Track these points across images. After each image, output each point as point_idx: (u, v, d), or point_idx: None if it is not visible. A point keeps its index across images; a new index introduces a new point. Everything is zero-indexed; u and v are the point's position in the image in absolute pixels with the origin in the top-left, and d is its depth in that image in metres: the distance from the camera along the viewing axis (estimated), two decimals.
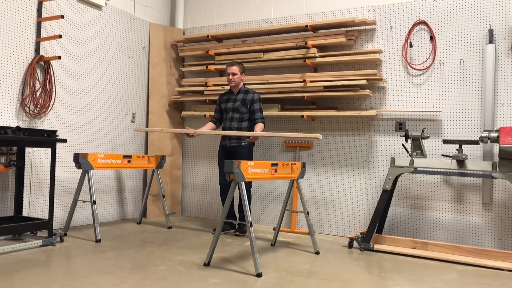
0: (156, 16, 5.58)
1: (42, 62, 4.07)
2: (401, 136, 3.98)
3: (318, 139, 3.33)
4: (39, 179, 4.10)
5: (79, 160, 3.85)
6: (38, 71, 4.06)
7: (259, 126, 4.23)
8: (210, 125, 4.55)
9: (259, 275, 2.96)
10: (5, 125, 3.80)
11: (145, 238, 4.05)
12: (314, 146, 4.72)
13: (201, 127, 4.55)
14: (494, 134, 3.41)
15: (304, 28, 4.65)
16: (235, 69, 4.32)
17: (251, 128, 4.35)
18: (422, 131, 3.81)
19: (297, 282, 2.88)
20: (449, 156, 3.78)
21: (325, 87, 4.46)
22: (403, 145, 3.93)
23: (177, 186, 5.47)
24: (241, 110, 4.32)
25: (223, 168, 4.33)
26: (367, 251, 3.86)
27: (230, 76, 4.33)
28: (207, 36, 5.12)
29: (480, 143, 3.56)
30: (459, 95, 4.11)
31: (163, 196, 4.69)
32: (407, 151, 3.94)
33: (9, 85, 3.85)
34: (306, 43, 4.53)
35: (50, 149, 4.05)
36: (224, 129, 4.44)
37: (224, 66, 5.04)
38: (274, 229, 4.39)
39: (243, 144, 4.31)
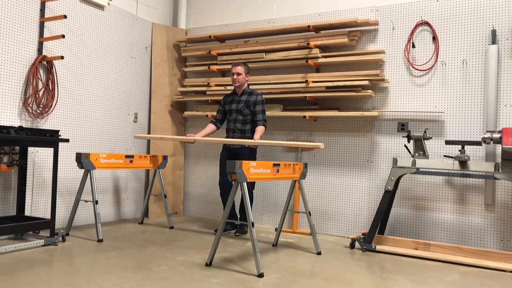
0: (159, 16, 5.58)
1: (45, 62, 4.08)
2: (403, 136, 3.98)
3: (319, 148, 3.31)
4: (41, 178, 4.11)
5: (82, 160, 3.85)
6: (41, 71, 4.07)
7: (260, 129, 4.19)
8: (211, 126, 4.52)
9: (260, 275, 2.96)
10: (8, 124, 3.81)
11: (147, 238, 4.05)
12: None
13: (202, 130, 4.52)
14: (496, 135, 3.40)
15: (307, 29, 4.65)
16: (239, 69, 4.31)
17: (254, 130, 4.35)
18: (425, 131, 3.80)
19: (298, 282, 2.88)
20: (452, 157, 3.77)
21: (327, 87, 4.46)
22: (405, 145, 3.92)
23: (179, 186, 5.47)
24: (244, 112, 4.32)
25: (224, 169, 4.34)
26: (369, 251, 3.85)
27: (235, 76, 4.32)
28: (210, 36, 5.12)
29: (483, 144, 3.55)
30: (462, 95, 4.11)
31: (165, 196, 4.69)
32: (409, 152, 3.93)
33: (12, 85, 3.86)
34: (308, 44, 4.53)
35: (52, 149, 4.07)
36: (228, 130, 4.43)
37: (227, 67, 5.04)
38: (275, 229, 4.39)
39: (246, 145, 4.31)
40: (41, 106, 4.02)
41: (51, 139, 3.61)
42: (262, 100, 4.32)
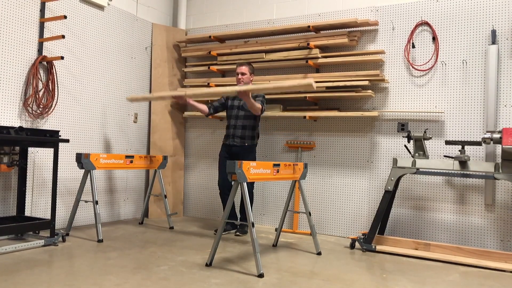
0: (159, 17, 5.58)
1: (45, 63, 4.08)
2: (403, 137, 3.98)
3: (312, 86, 3.13)
4: (41, 179, 4.11)
5: (82, 160, 3.85)
6: (41, 72, 4.07)
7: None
8: (203, 105, 4.51)
9: (260, 275, 2.96)
10: (8, 125, 3.81)
11: (147, 238, 4.05)
12: (316, 147, 4.72)
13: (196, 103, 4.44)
14: (496, 135, 3.40)
15: (307, 29, 4.65)
16: (244, 69, 4.33)
17: (256, 128, 4.38)
18: (425, 132, 3.80)
19: (298, 282, 2.88)
20: (452, 157, 3.77)
21: (327, 87, 4.46)
22: (405, 146, 3.92)
23: (179, 187, 5.47)
24: (246, 107, 4.33)
25: (223, 170, 4.35)
26: (369, 252, 3.85)
27: (239, 76, 4.33)
28: (209, 36, 5.12)
29: (483, 144, 3.55)
30: (462, 96, 4.11)
31: (165, 197, 4.69)
32: (409, 152, 3.93)
33: (12, 85, 3.86)
34: (308, 44, 4.53)
35: (52, 149, 4.07)
36: (228, 127, 4.43)
37: (227, 67, 5.05)
38: (276, 229, 4.39)
39: (246, 144, 4.32)
40: (41, 106, 4.02)
41: (51, 139, 3.61)
42: (263, 95, 4.35)
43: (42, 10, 4.08)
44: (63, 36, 3.97)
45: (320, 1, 4.82)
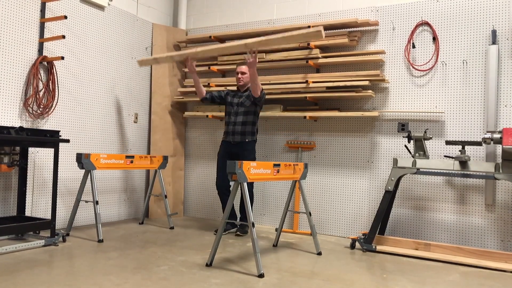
0: (159, 17, 5.59)
1: (45, 63, 4.09)
2: (403, 137, 3.98)
3: (320, 33, 3.14)
4: (42, 179, 4.12)
5: (82, 160, 3.86)
6: (41, 72, 4.07)
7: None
8: (204, 89, 4.51)
9: (261, 275, 2.96)
10: (8, 125, 3.81)
11: (147, 239, 4.05)
12: (316, 147, 4.72)
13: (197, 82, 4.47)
14: (497, 135, 3.40)
15: (307, 29, 4.64)
16: (244, 68, 4.34)
17: (255, 123, 4.40)
18: (425, 132, 3.80)
19: (299, 283, 2.88)
20: (452, 157, 3.77)
21: (327, 87, 4.46)
22: (405, 146, 3.92)
23: (179, 187, 5.47)
24: (246, 103, 4.34)
25: (221, 169, 4.35)
26: (369, 252, 3.85)
27: (239, 75, 4.35)
28: (210, 36, 5.13)
29: (483, 144, 3.55)
30: (462, 96, 4.11)
31: (165, 197, 4.69)
32: (410, 152, 3.93)
33: (12, 85, 3.86)
34: (308, 44, 4.53)
35: (53, 149, 4.07)
36: (228, 124, 4.43)
37: (227, 67, 5.05)
38: (276, 229, 4.39)
39: (247, 140, 4.32)
40: (41, 106, 4.03)
41: (51, 139, 3.62)
42: (263, 91, 4.35)
43: (43, 10, 4.08)
44: (63, 36, 3.97)
45: (320, 1, 4.83)
